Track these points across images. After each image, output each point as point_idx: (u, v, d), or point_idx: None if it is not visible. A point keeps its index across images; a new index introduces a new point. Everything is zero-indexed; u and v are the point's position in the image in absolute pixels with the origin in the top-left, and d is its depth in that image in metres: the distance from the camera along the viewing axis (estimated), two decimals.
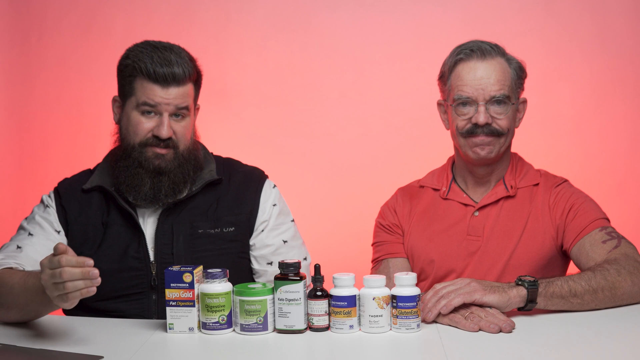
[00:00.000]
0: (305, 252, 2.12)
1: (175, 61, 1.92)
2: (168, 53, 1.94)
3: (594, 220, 1.98)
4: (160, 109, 1.93)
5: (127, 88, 1.97)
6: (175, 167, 1.98)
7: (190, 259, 1.96)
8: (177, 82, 1.93)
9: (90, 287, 1.55)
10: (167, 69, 1.91)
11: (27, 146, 3.41)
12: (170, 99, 1.93)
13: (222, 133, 3.24)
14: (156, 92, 1.92)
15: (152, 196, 1.97)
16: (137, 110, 1.95)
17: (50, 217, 2.02)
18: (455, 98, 2.03)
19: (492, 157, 2.04)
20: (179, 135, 1.97)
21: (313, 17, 3.30)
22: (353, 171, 3.29)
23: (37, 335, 1.74)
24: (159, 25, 3.30)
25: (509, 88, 2.02)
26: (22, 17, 3.37)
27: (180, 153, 1.98)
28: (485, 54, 2.02)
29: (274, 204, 2.08)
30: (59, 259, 1.54)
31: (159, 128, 1.94)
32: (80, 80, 3.33)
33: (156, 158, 1.96)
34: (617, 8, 3.19)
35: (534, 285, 1.72)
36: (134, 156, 1.97)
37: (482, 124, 2.00)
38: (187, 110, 1.97)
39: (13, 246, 1.96)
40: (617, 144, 3.22)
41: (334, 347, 1.63)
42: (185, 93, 1.95)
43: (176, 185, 1.99)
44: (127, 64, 1.96)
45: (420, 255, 2.10)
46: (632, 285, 1.80)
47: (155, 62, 1.91)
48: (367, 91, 3.29)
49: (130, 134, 1.97)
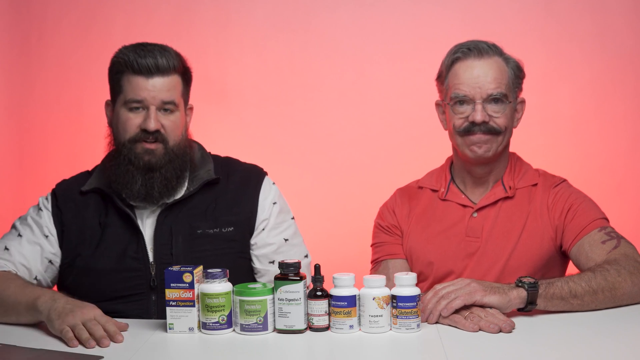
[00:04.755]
0: (305, 250, 2.12)
1: (158, 52, 1.95)
2: (152, 47, 1.97)
3: (593, 220, 1.98)
4: (147, 103, 1.94)
5: (116, 87, 1.98)
6: (166, 163, 1.97)
7: (190, 259, 1.95)
8: (161, 73, 1.94)
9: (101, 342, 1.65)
10: (151, 59, 1.93)
11: (27, 146, 3.41)
12: (155, 91, 1.93)
13: (222, 133, 3.24)
14: (140, 84, 1.93)
15: (145, 193, 1.97)
16: (125, 108, 1.96)
17: (42, 221, 2.02)
18: (453, 96, 2.03)
19: (489, 156, 2.04)
20: (168, 130, 1.97)
21: (313, 17, 3.30)
22: (353, 171, 3.29)
23: (37, 335, 1.74)
24: (159, 25, 3.30)
25: (506, 86, 2.02)
26: (22, 17, 3.37)
27: (170, 148, 1.98)
28: (482, 52, 2.02)
29: (274, 202, 2.08)
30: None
31: (146, 121, 1.94)
32: (80, 80, 3.33)
33: (146, 154, 1.96)
34: (617, 8, 3.19)
35: (534, 287, 1.72)
36: (124, 153, 1.97)
37: (479, 122, 2.00)
38: (175, 105, 1.97)
39: (1, 245, 1.99)
40: (617, 144, 3.22)
41: (334, 347, 1.63)
42: (171, 85, 1.95)
43: (168, 181, 1.98)
44: (113, 62, 1.99)
45: (419, 256, 2.09)
46: (632, 286, 1.80)
47: (139, 54, 1.94)
48: (367, 91, 3.29)
49: (120, 131, 1.98)
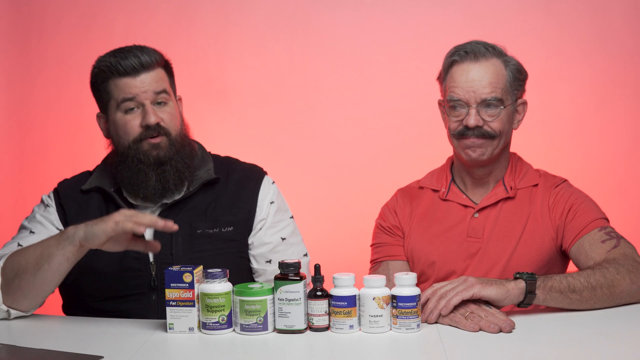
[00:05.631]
0: (304, 249, 2.12)
1: (138, 52, 1.97)
2: (129, 48, 1.98)
3: (593, 220, 1.98)
4: (140, 99, 1.95)
5: (104, 96, 1.99)
6: (174, 154, 1.99)
7: (190, 260, 1.96)
8: (146, 68, 1.96)
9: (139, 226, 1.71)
10: (133, 59, 1.95)
11: (27, 146, 3.41)
12: (145, 86, 1.95)
13: (222, 133, 3.24)
14: (129, 83, 1.95)
15: (162, 188, 1.98)
16: (120, 112, 1.96)
17: (51, 216, 2.02)
18: (448, 99, 2.03)
19: (484, 160, 2.03)
20: (167, 122, 1.98)
21: (313, 17, 3.30)
22: (353, 171, 3.29)
23: (37, 335, 1.74)
24: (159, 25, 3.30)
25: (501, 90, 2.00)
26: (22, 17, 3.37)
27: (173, 139, 1.99)
28: (479, 55, 2.01)
29: (271, 201, 2.08)
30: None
31: (146, 117, 1.95)
32: (80, 80, 3.29)
33: (153, 149, 1.97)
34: (617, 8, 3.19)
35: (532, 277, 1.73)
36: (132, 154, 1.97)
37: (472, 127, 1.99)
38: (167, 94, 1.99)
39: (14, 244, 1.96)
40: (617, 144, 3.22)
41: (334, 347, 1.62)
42: (158, 77, 1.98)
43: (181, 172, 1.99)
44: (95, 73, 2.00)
45: (420, 257, 2.09)
46: (631, 284, 1.80)
47: (119, 57, 1.95)
48: (367, 91, 3.29)
49: (121, 136, 1.98)
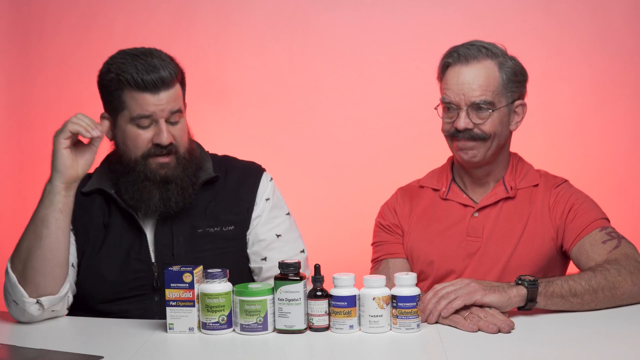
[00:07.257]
0: (301, 245, 2.10)
1: (159, 65, 1.89)
2: (150, 58, 1.90)
3: (593, 220, 1.98)
4: (155, 116, 1.91)
5: (117, 103, 1.92)
6: (180, 173, 1.96)
7: (191, 259, 1.95)
8: (167, 86, 1.90)
9: (91, 131, 1.85)
10: (155, 74, 1.88)
11: (27, 146, 3.40)
12: (162, 105, 1.90)
13: (222, 133, 3.24)
14: (148, 100, 1.89)
15: (163, 206, 1.96)
16: (132, 124, 1.92)
17: None
18: (442, 101, 2.04)
19: (477, 161, 2.03)
20: (178, 139, 1.95)
21: (313, 17, 3.30)
22: (353, 171, 3.29)
23: (37, 335, 1.74)
24: (159, 25, 3.30)
25: (492, 93, 1.99)
26: (22, 17, 3.37)
27: (181, 156, 1.96)
28: (470, 58, 1.99)
29: (267, 198, 2.07)
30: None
31: (159, 136, 1.91)
32: (80, 80, 3.33)
33: (161, 168, 1.94)
34: (617, 8, 3.19)
35: (533, 284, 1.72)
36: (139, 169, 1.94)
37: (462, 129, 2.00)
38: (180, 113, 1.95)
39: None
40: (617, 144, 3.22)
41: (334, 347, 1.63)
42: (176, 95, 1.93)
43: (184, 190, 1.97)
44: (110, 78, 1.92)
45: (419, 256, 2.09)
46: (633, 285, 1.80)
47: (141, 71, 1.88)
48: (367, 91, 3.29)
49: (129, 148, 1.94)
